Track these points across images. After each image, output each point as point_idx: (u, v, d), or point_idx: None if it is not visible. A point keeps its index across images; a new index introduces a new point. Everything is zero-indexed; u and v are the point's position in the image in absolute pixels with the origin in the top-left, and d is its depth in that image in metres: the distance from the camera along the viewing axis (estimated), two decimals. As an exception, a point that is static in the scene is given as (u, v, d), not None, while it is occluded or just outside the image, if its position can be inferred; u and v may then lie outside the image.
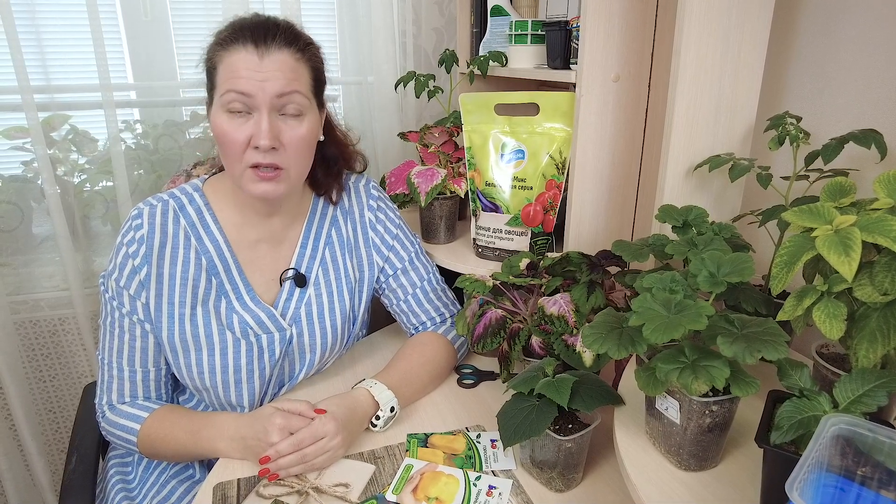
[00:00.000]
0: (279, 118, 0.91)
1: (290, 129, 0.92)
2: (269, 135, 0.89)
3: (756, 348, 0.60)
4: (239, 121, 0.90)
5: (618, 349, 0.67)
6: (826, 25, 0.95)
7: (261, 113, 0.89)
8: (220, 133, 0.91)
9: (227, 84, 0.89)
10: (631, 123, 1.13)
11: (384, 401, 0.99)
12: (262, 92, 0.88)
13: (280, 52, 0.90)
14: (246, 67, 0.88)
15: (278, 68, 0.89)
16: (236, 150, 0.91)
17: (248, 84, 0.88)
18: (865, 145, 0.78)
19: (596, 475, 0.89)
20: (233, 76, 0.88)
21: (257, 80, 0.88)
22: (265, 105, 0.89)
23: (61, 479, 1.03)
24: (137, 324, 0.98)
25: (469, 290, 1.05)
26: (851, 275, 0.56)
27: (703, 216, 0.88)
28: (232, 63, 0.89)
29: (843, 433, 0.51)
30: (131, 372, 1.00)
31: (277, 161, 0.92)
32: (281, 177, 0.94)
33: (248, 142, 0.90)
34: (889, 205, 0.61)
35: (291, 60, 0.91)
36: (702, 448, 0.68)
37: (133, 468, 1.07)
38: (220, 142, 0.92)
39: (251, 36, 0.89)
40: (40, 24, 1.46)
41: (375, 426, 0.98)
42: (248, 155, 0.91)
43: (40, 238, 1.62)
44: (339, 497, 0.85)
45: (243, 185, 0.94)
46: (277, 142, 0.91)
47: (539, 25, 1.22)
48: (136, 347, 0.99)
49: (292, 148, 0.93)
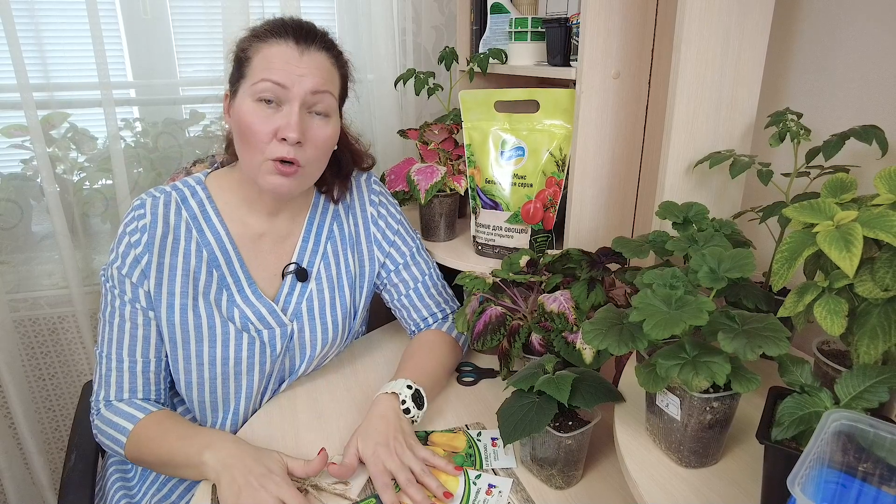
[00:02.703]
0: (307, 115, 0.93)
1: (317, 127, 0.94)
2: (299, 128, 0.90)
3: (757, 344, 0.59)
4: (267, 112, 0.91)
5: (618, 345, 0.67)
6: (827, 21, 0.94)
7: (291, 106, 0.90)
8: (245, 122, 0.91)
9: (263, 73, 0.90)
10: (631, 120, 1.12)
11: (398, 387, 0.96)
12: (298, 85, 0.90)
13: (319, 53, 0.93)
14: (285, 60, 0.90)
15: (316, 66, 0.92)
16: (260, 139, 0.91)
17: (285, 75, 0.89)
18: (866, 141, 0.78)
19: (596, 472, 0.88)
20: (270, 66, 0.90)
21: (295, 73, 0.90)
22: (298, 99, 0.90)
23: (60, 478, 1.03)
24: (140, 311, 0.97)
25: (469, 287, 1.05)
26: (852, 270, 0.56)
27: (703, 213, 0.88)
28: (271, 54, 0.91)
29: (845, 429, 0.51)
30: (131, 362, 0.97)
31: (299, 157, 0.93)
32: (298, 173, 0.94)
33: (274, 134, 0.91)
34: (890, 200, 0.61)
35: (328, 63, 0.95)
36: (702, 445, 0.68)
37: (133, 467, 1.06)
38: (242, 129, 0.92)
39: (293, 33, 0.92)
40: (40, 22, 1.46)
41: (409, 412, 0.94)
42: (271, 147, 0.91)
43: (39, 236, 1.62)
44: (339, 495, 0.85)
45: (259, 176, 0.94)
46: (304, 136, 0.91)
47: (539, 22, 1.22)
48: (138, 336, 0.97)
49: (315, 147, 0.95)
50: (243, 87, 0.92)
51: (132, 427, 0.94)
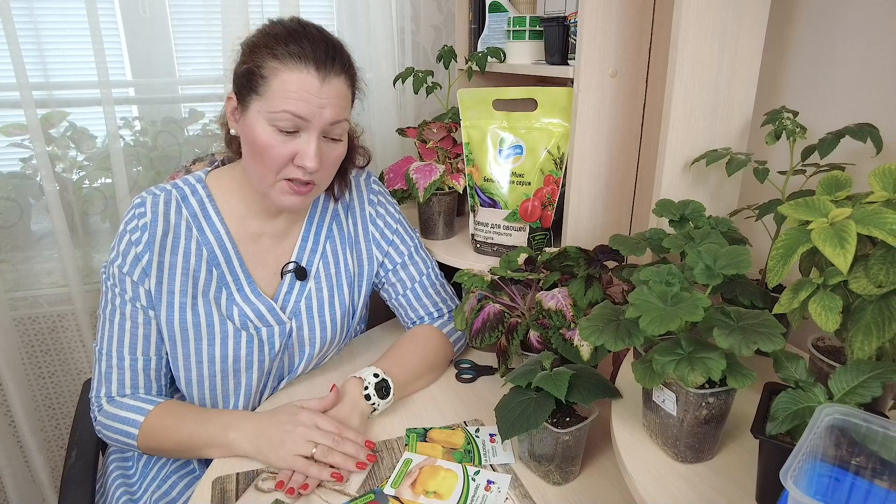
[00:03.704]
0: (323, 141, 0.94)
1: (331, 150, 0.96)
2: (317, 159, 0.91)
3: (752, 340, 0.60)
4: (284, 137, 0.91)
5: (615, 341, 0.68)
6: (823, 20, 0.95)
7: (310, 135, 0.91)
8: (262, 145, 0.90)
9: (284, 104, 0.88)
10: (628, 118, 1.13)
11: (366, 373, 1.00)
12: (318, 118, 0.90)
13: (338, 78, 0.91)
14: (307, 91, 0.88)
15: (336, 95, 0.91)
16: (277, 163, 0.92)
17: (306, 109, 0.89)
18: (861, 139, 0.78)
19: (594, 468, 0.89)
20: (291, 97, 0.88)
21: (316, 105, 0.89)
22: (317, 129, 0.91)
23: (61, 475, 1.03)
24: (140, 310, 0.97)
25: (467, 285, 1.05)
26: (846, 267, 0.56)
27: (700, 210, 0.88)
28: (290, 81, 0.88)
29: (838, 423, 0.51)
30: (132, 360, 0.98)
31: (314, 178, 0.94)
32: (312, 191, 0.96)
33: (291, 158, 0.91)
34: (884, 198, 0.61)
35: (345, 88, 0.94)
36: (698, 440, 0.69)
37: (133, 463, 1.07)
38: (255, 148, 0.92)
39: (313, 57, 0.88)
40: (39, 21, 1.46)
41: (370, 398, 0.98)
42: (287, 170, 0.93)
43: (39, 235, 1.62)
44: (338, 490, 0.86)
45: (272, 195, 0.95)
46: (320, 163, 0.92)
47: (537, 21, 1.22)
48: (138, 335, 0.98)
49: (329, 166, 0.97)
50: (258, 106, 0.90)
51: (143, 419, 0.95)
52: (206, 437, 0.93)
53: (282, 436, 0.90)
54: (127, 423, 0.96)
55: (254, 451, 0.91)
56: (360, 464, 0.89)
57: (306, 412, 0.93)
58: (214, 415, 0.97)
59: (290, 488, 0.84)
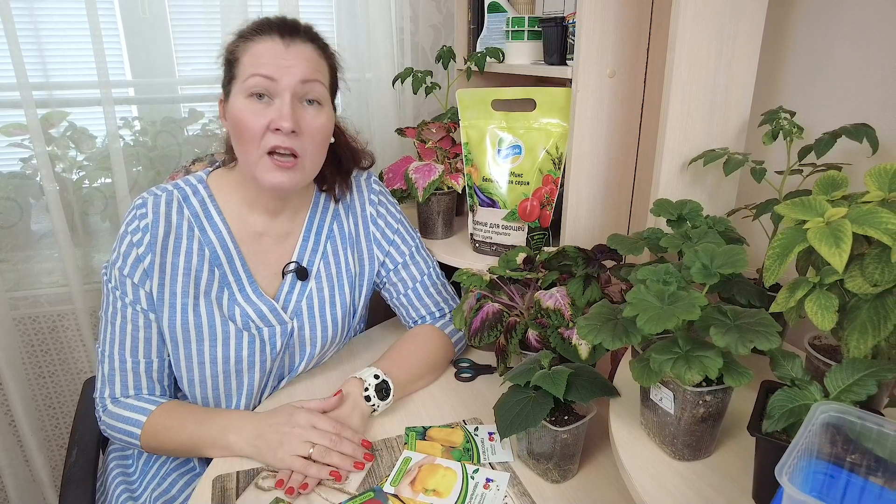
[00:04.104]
0: (300, 106, 0.94)
1: (311, 116, 0.95)
2: (291, 118, 0.91)
3: (748, 339, 0.60)
4: (259, 106, 0.92)
5: (612, 340, 0.68)
6: (820, 21, 0.95)
7: (283, 98, 0.92)
8: (239, 119, 0.92)
9: (252, 69, 0.91)
10: (627, 119, 1.13)
11: (366, 374, 1.00)
12: (287, 76, 0.91)
13: (304, 45, 0.95)
14: (272, 54, 0.92)
15: (303, 57, 0.93)
16: (254, 134, 0.92)
17: (273, 68, 0.91)
18: (857, 139, 0.79)
19: (592, 466, 0.89)
20: (258, 61, 0.91)
21: (283, 65, 0.91)
22: (288, 90, 0.91)
23: (62, 474, 1.04)
24: (141, 313, 0.98)
25: (466, 284, 1.06)
26: (842, 266, 0.57)
27: (697, 210, 0.89)
28: (257, 51, 0.92)
29: (833, 421, 0.52)
30: (134, 363, 0.99)
31: (296, 147, 0.93)
32: (297, 165, 0.95)
33: (268, 126, 0.92)
34: (879, 197, 0.62)
35: (314, 54, 0.96)
36: (696, 438, 0.69)
37: (133, 461, 1.07)
38: (237, 127, 0.93)
39: (277, 29, 0.93)
40: (39, 22, 1.47)
41: (370, 400, 0.99)
42: (266, 139, 0.92)
43: (39, 234, 1.63)
44: (338, 489, 0.86)
45: (258, 174, 0.94)
46: (298, 126, 0.92)
47: (536, 22, 1.22)
48: (140, 338, 0.99)
49: (310, 136, 0.95)
50: (235, 87, 0.94)
51: (145, 419, 0.97)
52: (206, 439, 0.94)
53: (279, 437, 0.90)
54: (130, 423, 0.97)
55: (253, 452, 0.91)
56: (358, 463, 0.89)
57: (304, 413, 0.93)
58: (214, 415, 0.97)
59: (290, 488, 0.84)
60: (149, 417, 0.97)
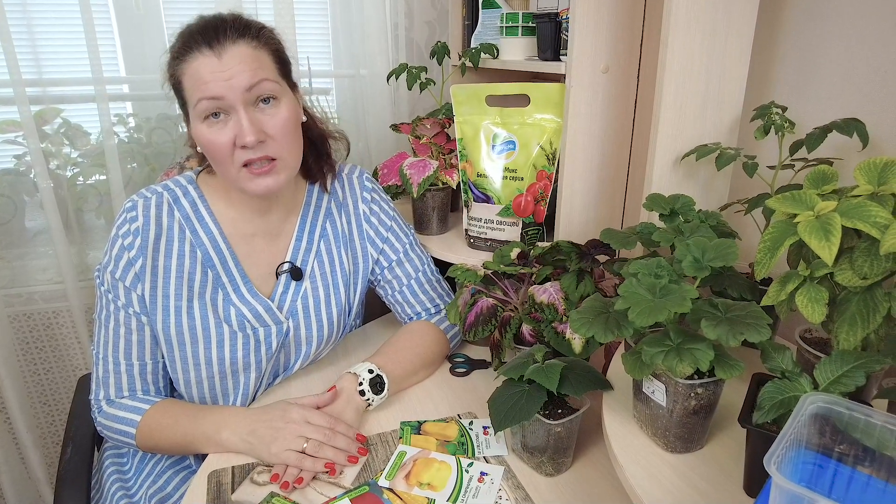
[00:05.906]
0: (256, 110, 0.91)
1: (271, 117, 0.92)
2: (252, 130, 0.89)
3: (739, 331, 0.61)
4: (218, 126, 0.90)
5: (604, 333, 0.68)
6: (811, 16, 0.96)
7: (237, 111, 0.89)
8: (205, 143, 0.91)
9: (197, 93, 0.88)
10: (620, 114, 1.14)
11: (361, 369, 1.01)
12: (231, 91, 0.87)
13: (235, 45, 0.89)
14: (209, 71, 0.87)
15: (239, 62, 0.88)
16: (225, 154, 0.90)
17: (215, 86, 0.87)
18: (848, 134, 0.79)
19: (585, 459, 0.90)
20: (199, 84, 0.88)
21: (223, 79, 0.87)
22: (239, 102, 0.88)
23: (56, 471, 1.04)
24: (133, 316, 0.98)
25: (461, 279, 1.06)
26: (831, 259, 0.57)
27: (690, 205, 0.89)
28: (194, 71, 0.88)
29: (821, 411, 0.52)
30: (128, 365, 1.00)
31: (269, 152, 0.92)
32: (277, 167, 0.93)
33: (234, 142, 0.90)
34: (869, 191, 0.62)
35: (249, 50, 0.90)
36: (687, 430, 0.70)
37: (129, 459, 1.07)
38: (207, 151, 0.93)
39: (203, 39, 0.88)
40: (32, 18, 1.46)
41: (364, 394, 0.99)
42: (237, 155, 0.91)
43: (33, 231, 1.62)
44: (333, 483, 0.87)
45: (243, 185, 0.94)
46: (263, 134, 0.90)
47: (530, 17, 1.23)
48: (133, 341, 0.99)
49: (279, 135, 0.93)
50: (191, 113, 0.91)
51: (140, 418, 0.97)
52: (200, 436, 0.94)
53: (273, 433, 0.90)
54: (125, 423, 0.98)
55: (247, 448, 0.92)
56: (352, 458, 0.89)
57: (297, 408, 0.94)
58: (208, 412, 0.98)
59: (285, 482, 0.85)
60: (143, 416, 0.97)
